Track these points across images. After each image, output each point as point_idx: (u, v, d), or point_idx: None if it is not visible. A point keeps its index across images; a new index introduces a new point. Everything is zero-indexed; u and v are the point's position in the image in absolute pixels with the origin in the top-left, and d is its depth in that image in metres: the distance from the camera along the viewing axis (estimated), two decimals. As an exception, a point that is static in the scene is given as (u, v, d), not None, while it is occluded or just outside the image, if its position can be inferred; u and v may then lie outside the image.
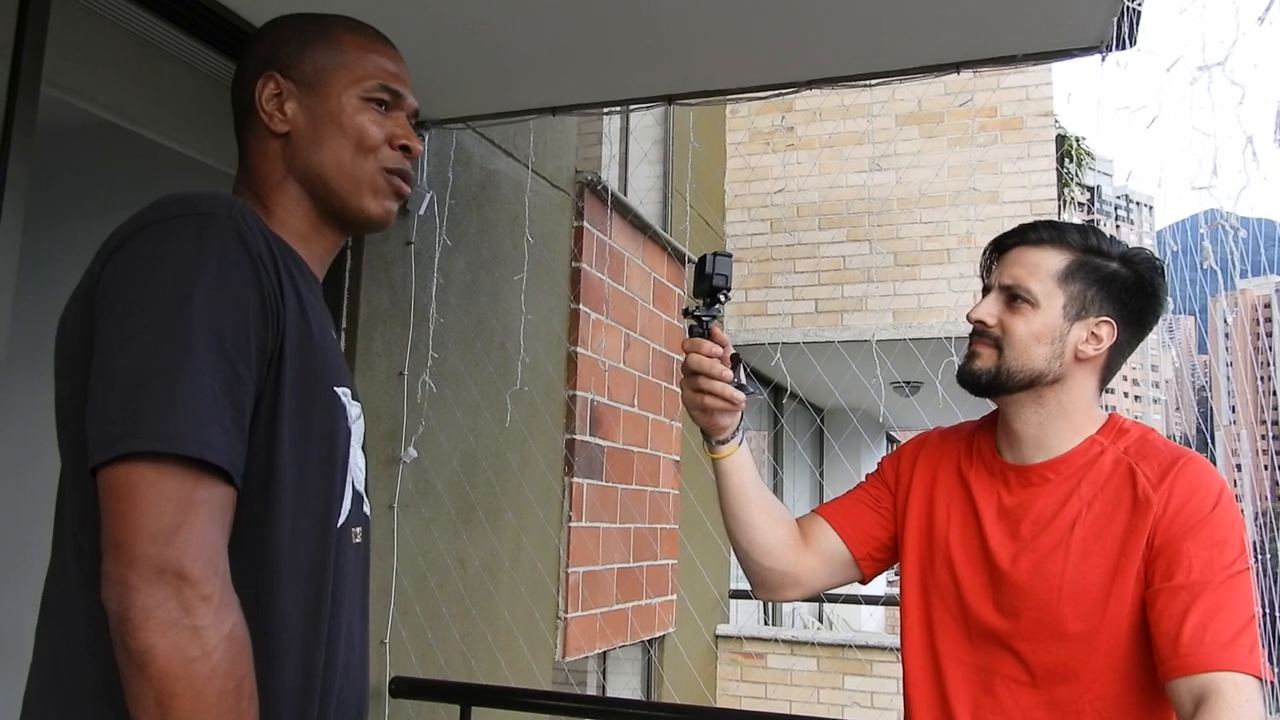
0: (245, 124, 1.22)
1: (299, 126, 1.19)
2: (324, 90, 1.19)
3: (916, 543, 1.55)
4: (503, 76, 2.93)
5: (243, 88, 1.21)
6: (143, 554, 0.92)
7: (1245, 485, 65.45)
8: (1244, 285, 19.15)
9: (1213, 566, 1.27)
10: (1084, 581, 1.35)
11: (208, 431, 0.96)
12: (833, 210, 6.85)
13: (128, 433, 0.94)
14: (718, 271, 1.46)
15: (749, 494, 1.59)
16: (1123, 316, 1.45)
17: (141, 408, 0.94)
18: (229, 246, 1.02)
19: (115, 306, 0.99)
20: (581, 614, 4.38)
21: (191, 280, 0.99)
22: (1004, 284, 1.47)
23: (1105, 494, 1.38)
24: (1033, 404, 1.46)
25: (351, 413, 1.16)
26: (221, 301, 0.99)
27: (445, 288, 3.42)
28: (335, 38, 1.22)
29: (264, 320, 1.03)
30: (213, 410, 0.97)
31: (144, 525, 0.93)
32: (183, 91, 2.68)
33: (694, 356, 1.48)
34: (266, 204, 1.19)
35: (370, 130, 1.20)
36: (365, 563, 1.22)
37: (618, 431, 4.83)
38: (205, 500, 0.96)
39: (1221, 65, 1.42)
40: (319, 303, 1.18)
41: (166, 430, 0.94)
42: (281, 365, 1.06)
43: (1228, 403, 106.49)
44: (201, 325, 0.97)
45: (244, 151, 1.22)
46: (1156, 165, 1.92)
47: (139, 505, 0.93)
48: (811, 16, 2.50)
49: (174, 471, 0.94)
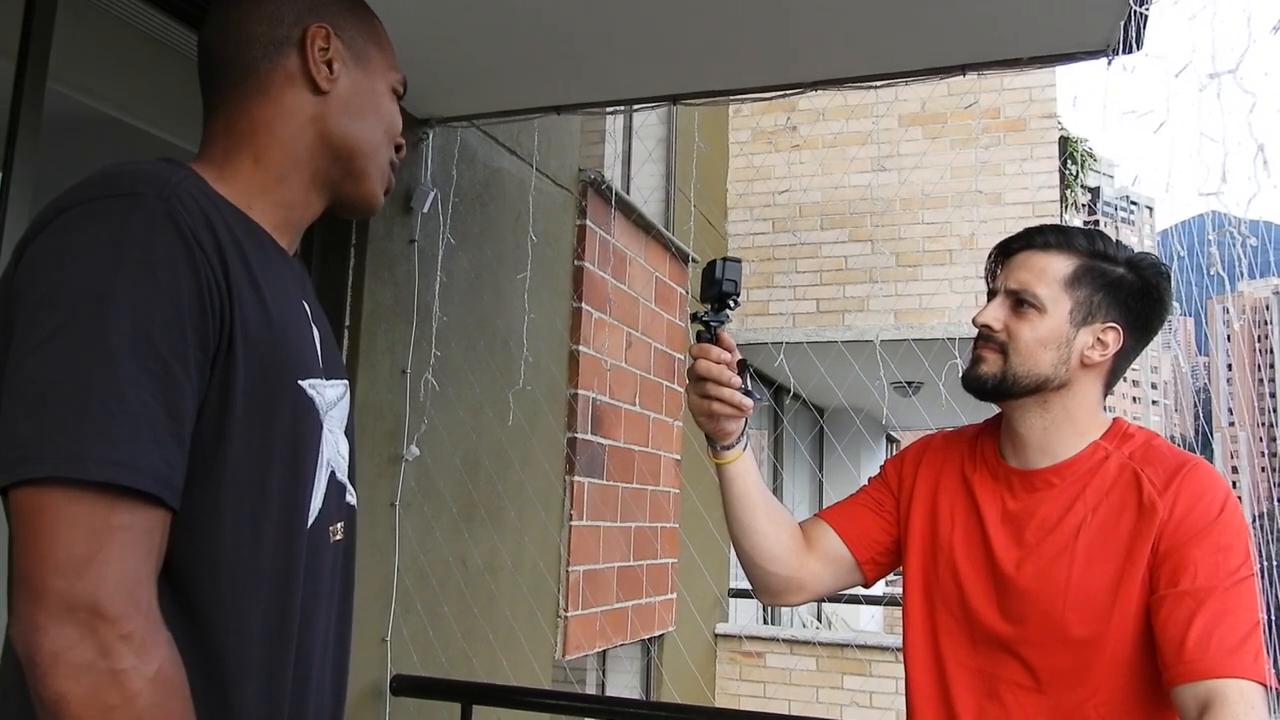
0: (264, 65, 1.09)
1: (341, 91, 1.12)
2: (369, 67, 1.15)
3: (920, 547, 1.55)
4: (508, 75, 2.93)
5: (274, 23, 1.09)
6: (50, 589, 0.82)
7: (1243, 487, 65.65)
8: (1243, 287, 19.10)
9: (1218, 572, 1.27)
10: (1089, 587, 1.35)
11: (127, 450, 0.85)
12: (835, 210, 6.85)
13: (31, 454, 0.84)
14: (727, 277, 1.46)
15: (753, 499, 1.59)
16: (1129, 322, 1.45)
17: (49, 425, 0.84)
18: (157, 233, 0.91)
19: (26, 307, 0.89)
20: (582, 612, 4.39)
21: (112, 275, 0.88)
22: (1010, 288, 1.46)
23: (1110, 499, 1.38)
24: (1038, 409, 1.45)
25: (327, 396, 1.08)
26: (150, 298, 0.88)
27: (448, 286, 3.42)
28: (370, 19, 1.19)
29: (203, 314, 0.92)
30: (139, 424, 0.86)
31: (52, 557, 0.83)
32: (186, 86, 2.68)
33: (702, 362, 1.47)
34: (261, 159, 1.09)
35: (397, 121, 1.19)
36: (347, 559, 1.16)
37: (619, 430, 4.83)
38: (124, 526, 0.85)
39: (1233, 73, 1.42)
40: (286, 280, 1.08)
41: (76, 452, 0.83)
42: (231, 362, 0.95)
43: (1227, 404, 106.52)
44: (124, 327, 0.87)
45: (244, 94, 1.09)
46: (1162, 169, 1.92)
47: (46, 534, 0.83)
48: (816, 18, 2.50)
49: (86, 496, 0.84)
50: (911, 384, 7.39)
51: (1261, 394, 79.31)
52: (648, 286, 5.24)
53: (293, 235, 1.15)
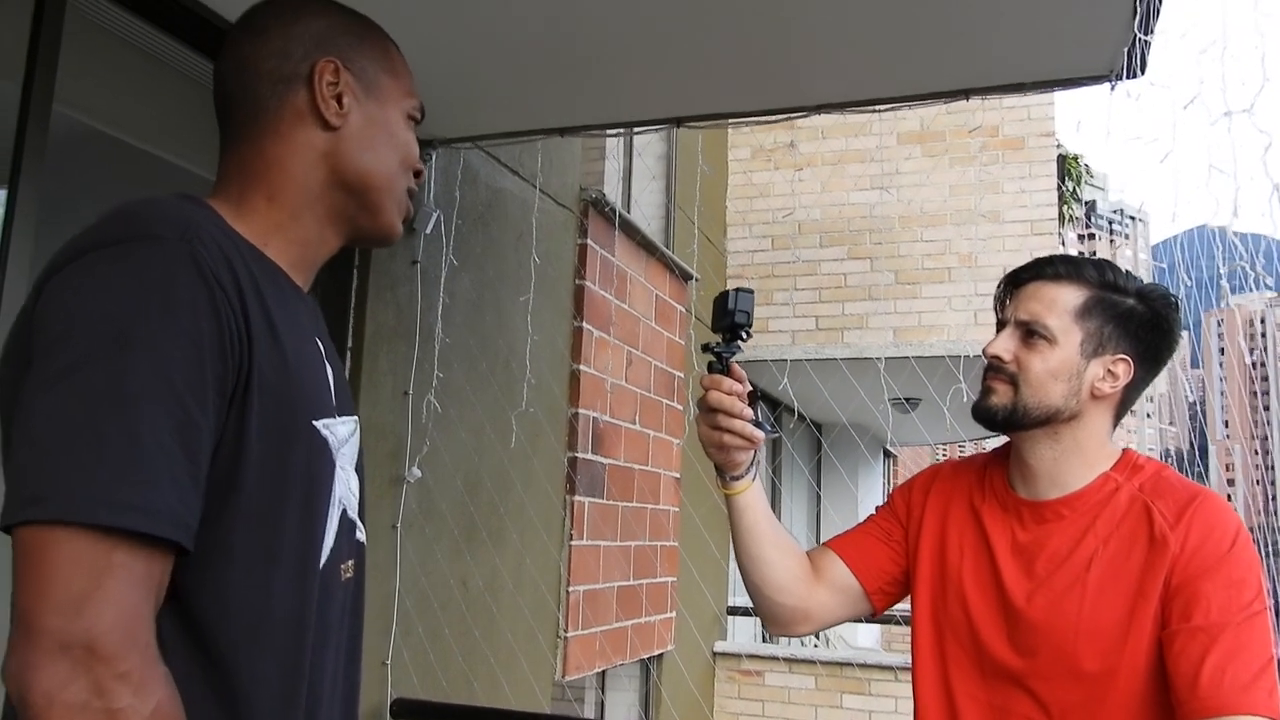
0: (273, 102, 1.08)
1: (352, 124, 1.10)
2: (381, 98, 1.13)
3: (929, 577, 1.54)
4: (512, 97, 2.93)
5: (282, 59, 1.09)
6: (45, 627, 0.80)
7: (1239, 500, 65.40)
8: (1237, 301, 19.20)
9: (1231, 607, 1.27)
10: (1101, 621, 1.35)
11: (143, 493, 0.84)
12: (834, 228, 6.86)
13: (43, 494, 0.83)
14: (739, 308, 1.45)
15: (763, 530, 1.58)
16: (1139, 353, 1.44)
17: (64, 465, 0.83)
18: (179, 274, 0.90)
19: (44, 344, 0.88)
20: (582, 632, 4.37)
21: (133, 316, 0.87)
22: (1020, 319, 1.46)
23: (1121, 532, 1.38)
24: (1048, 440, 1.45)
25: (339, 434, 1.07)
26: (171, 340, 0.88)
27: (450, 307, 3.41)
28: (384, 46, 1.17)
29: (223, 357, 0.92)
30: (157, 466, 0.86)
31: (50, 595, 0.81)
32: (188, 106, 2.68)
33: (713, 394, 1.47)
34: (275, 197, 1.08)
35: (414, 149, 1.17)
36: (357, 597, 1.15)
37: (619, 449, 4.82)
38: (124, 564, 0.84)
39: (1248, 111, 1.42)
40: (300, 317, 1.07)
41: (90, 494, 0.83)
42: (247, 404, 0.94)
43: (1221, 418, 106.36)
44: (145, 369, 0.86)
45: (256, 131, 1.09)
46: (1167, 194, 1.92)
47: (45, 572, 0.82)
48: (819, 42, 2.51)
49: (89, 535, 0.83)
50: (910, 400, 7.40)
51: (1255, 407, 79.40)
52: (648, 305, 5.24)
53: (308, 272, 1.14)
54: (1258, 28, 1.47)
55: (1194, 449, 43.87)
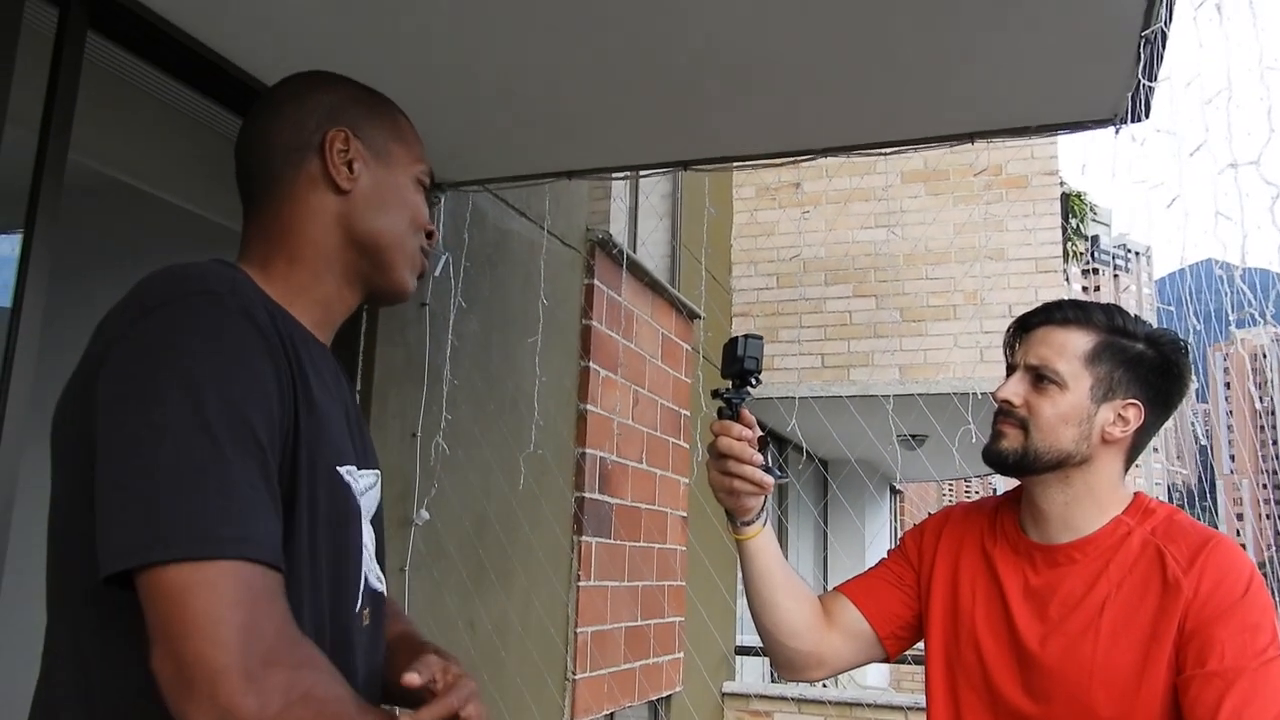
0: (289, 172, 1.16)
1: (363, 188, 1.17)
2: (392, 162, 1.20)
3: (941, 621, 1.54)
4: (520, 141, 2.96)
5: (297, 131, 1.16)
6: (226, 665, 0.87)
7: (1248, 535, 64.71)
8: (1241, 335, 19.25)
9: (1246, 653, 1.27)
10: (1115, 666, 1.34)
11: (249, 526, 0.92)
12: (839, 266, 6.88)
13: (164, 536, 0.89)
14: (749, 354, 1.46)
15: (774, 574, 1.58)
16: (1149, 398, 1.45)
17: (174, 508, 0.89)
18: (239, 326, 0.98)
19: (127, 404, 0.94)
20: (590, 674, 4.34)
21: (207, 367, 0.94)
22: (1030, 364, 1.46)
23: (1134, 576, 1.38)
24: (1059, 484, 1.45)
25: (360, 485, 1.13)
26: (244, 387, 0.95)
27: (459, 348, 3.43)
28: (394, 117, 1.24)
29: (281, 402, 1.00)
30: (253, 503, 0.93)
31: (217, 631, 0.88)
32: (202, 154, 2.71)
33: (723, 439, 1.47)
34: (296, 260, 1.14)
35: (423, 210, 1.24)
36: (374, 644, 1.19)
37: (626, 489, 4.81)
38: (266, 589, 0.92)
39: (1256, 164, 1.44)
40: (325, 371, 1.13)
41: (207, 532, 0.89)
42: (296, 447, 1.01)
43: (1228, 452, 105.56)
44: (225, 416, 0.93)
45: (275, 200, 1.16)
46: (1172, 236, 1.93)
47: (202, 611, 0.88)
48: (824, 88, 2.53)
49: (227, 568, 0.90)
50: (916, 437, 7.38)
51: (1263, 441, 79.11)
52: (655, 344, 5.25)
53: (329, 331, 1.20)
54: (1263, 80, 1.50)
55: (1202, 484, 43.62)
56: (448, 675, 1.04)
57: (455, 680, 1.02)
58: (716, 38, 2.27)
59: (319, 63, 1.32)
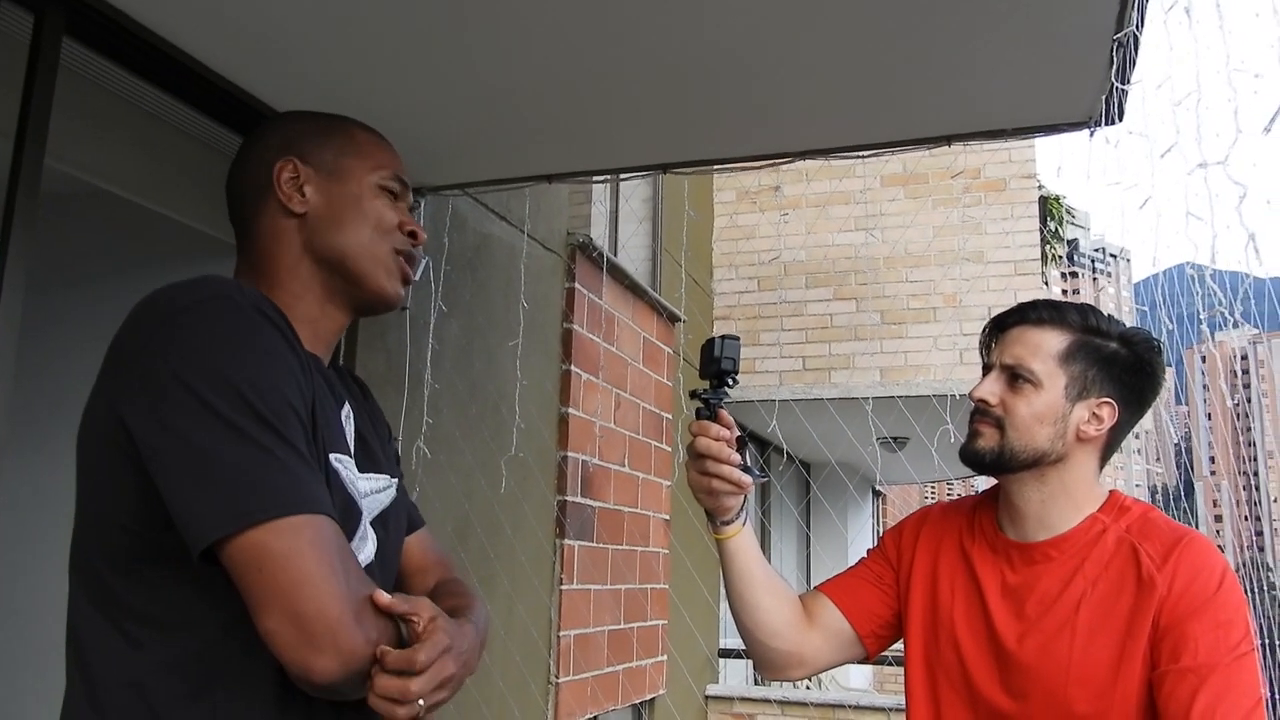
0: (256, 207, 1.24)
1: (317, 208, 1.23)
2: (344, 176, 1.25)
3: (920, 620, 1.55)
4: (499, 146, 2.96)
5: (255, 171, 1.25)
6: (333, 613, 0.96)
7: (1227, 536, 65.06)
8: (1220, 337, 19.25)
9: (1219, 648, 1.28)
10: (1092, 663, 1.36)
11: (318, 489, 1.02)
12: (820, 269, 6.91)
13: (257, 503, 0.96)
14: (725, 355, 1.47)
15: (754, 574, 1.59)
16: (1123, 397, 1.47)
17: (253, 481, 0.97)
18: (257, 322, 1.05)
19: (178, 404, 0.99)
20: (573, 678, 4.34)
21: (244, 360, 1.02)
22: (1005, 363, 1.48)
23: (1109, 574, 1.39)
24: (1035, 482, 1.47)
25: (361, 486, 1.17)
26: (278, 372, 1.03)
27: (440, 352, 3.43)
28: (350, 133, 1.30)
29: (309, 388, 1.08)
30: (311, 471, 1.02)
31: (316, 582, 0.96)
32: (183, 162, 2.70)
33: (701, 439, 1.48)
34: (276, 285, 1.21)
35: (387, 214, 1.26)
36: None
37: (609, 492, 4.82)
38: (340, 538, 1.02)
39: (1223, 164, 1.46)
40: (319, 379, 1.19)
41: (287, 496, 0.98)
42: (315, 429, 1.09)
43: (1207, 454, 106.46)
44: (270, 398, 1.00)
45: (251, 234, 1.25)
46: (1147, 238, 1.96)
47: (295, 563, 0.96)
48: (802, 91, 2.55)
49: (310, 522, 0.98)
50: (896, 439, 7.42)
51: (1241, 443, 79.86)
52: (636, 347, 5.26)
53: (322, 349, 1.25)
54: (1230, 82, 1.52)
55: (1180, 486, 44.00)
56: (429, 623, 1.05)
57: (429, 634, 1.03)
58: (696, 42, 2.28)
59: (294, 65, 1.34)
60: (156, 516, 1.01)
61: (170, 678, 1.03)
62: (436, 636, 1.03)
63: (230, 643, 1.04)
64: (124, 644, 1.04)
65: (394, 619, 1.03)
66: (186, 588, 1.04)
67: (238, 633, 1.02)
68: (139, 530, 1.04)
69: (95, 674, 1.05)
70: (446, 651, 1.04)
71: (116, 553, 1.06)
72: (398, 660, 0.99)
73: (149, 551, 1.04)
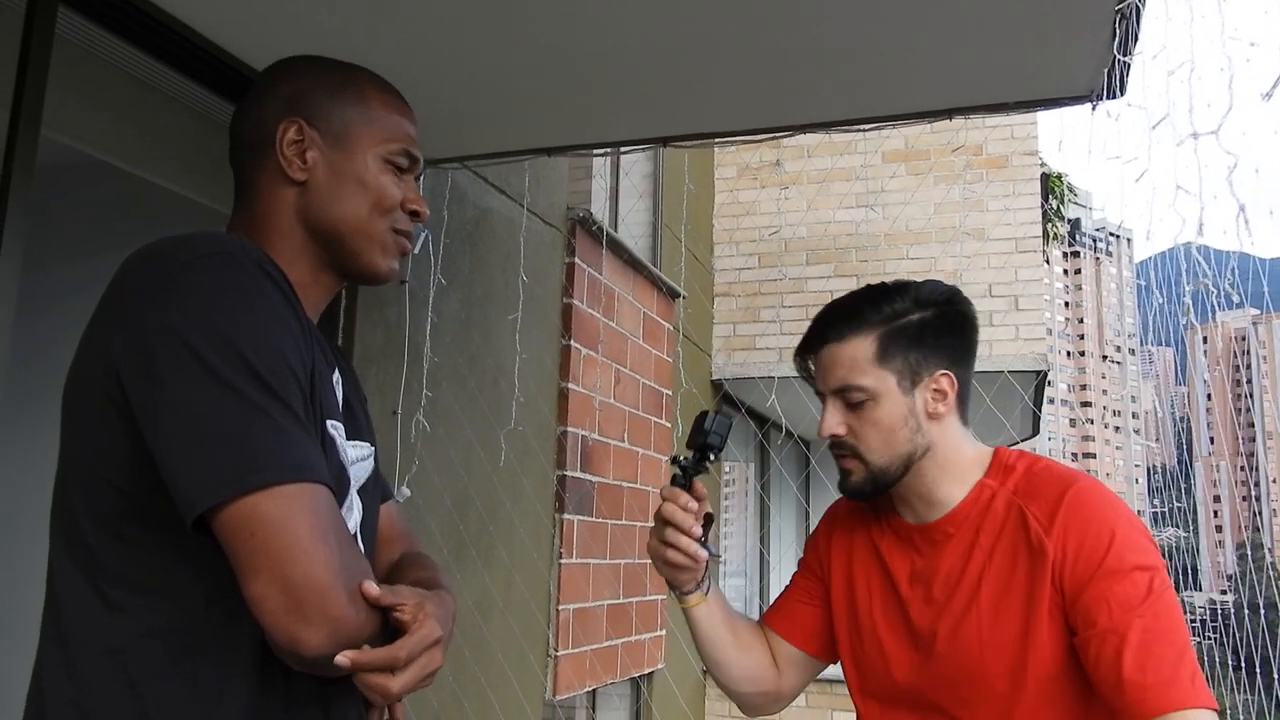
0: (255, 164, 1.18)
1: (318, 177, 1.17)
2: (349, 146, 1.18)
3: (845, 623, 1.55)
4: (499, 118, 2.95)
5: (258, 126, 1.18)
6: (323, 580, 0.93)
7: (1225, 516, 65.11)
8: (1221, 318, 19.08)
9: (1130, 600, 1.25)
10: (1001, 638, 1.34)
11: (313, 455, 0.98)
12: (820, 245, 6.90)
13: (259, 465, 0.93)
14: (715, 431, 1.48)
15: (722, 637, 1.60)
16: (951, 359, 1.43)
17: (252, 445, 0.94)
18: (262, 280, 1.01)
19: (173, 363, 0.95)
20: (572, 651, 4.36)
21: (243, 318, 0.98)
22: (834, 389, 1.44)
23: (1003, 544, 1.37)
24: (915, 476, 1.44)
25: (350, 453, 1.14)
26: (278, 332, 1.00)
27: (439, 326, 3.42)
28: (364, 94, 1.21)
29: (309, 350, 1.05)
30: (306, 436, 0.99)
31: (307, 546, 0.93)
32: (179, 132, 2.69)
33: (668, 505, 1.47)
34: (269, 246, 1.15)
35: (391, 192, 1.20)
36: None
37: (608, 467, 4.83)
38: (333, 506, 0.99)
39: (1215, 134, 1.45)
40: (314, 342, 1.15)
41: (290, 461, 0.95)
42: (313, 392, 1.05)
43: (1206, 434, 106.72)
44: (269, 359, 0.97)
45: (249, 190, 1.19)
46: (1144, 213, 1.95)
47: (291, 529, 0.93)
48: (804, 64, 2.54)
49: (305, 490, 0.95)
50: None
51: (1240, 423, 79.84)
52: (636, 323, 5.26)
53: (313, 313, 1.20)
54: (1224, 51, 1.50)
55: (1180, 465, 43.86)
56: (418, 613, 1.03)
57: (419, 625, 1.02)
58: (696, 13, 2.26)
59: (293, 34, 1.31)
60: (145, 477, 0.98)
61: (150, 646, 1.00)
62: (427, 628, 1.02)
63: (212, 613, 1.00)
64: (102, 607, 1.00)
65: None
66: (170, 553, 1.01)
67: (221, 603, 0.99)
68: (127, 489, 1.00)
69: (72, 638, 1.02)
70: (435, 645, 1.04)
71: (102, 511, 1.02)
72: (382, 658, 0.98)
73: (135, 513, 1.01)
